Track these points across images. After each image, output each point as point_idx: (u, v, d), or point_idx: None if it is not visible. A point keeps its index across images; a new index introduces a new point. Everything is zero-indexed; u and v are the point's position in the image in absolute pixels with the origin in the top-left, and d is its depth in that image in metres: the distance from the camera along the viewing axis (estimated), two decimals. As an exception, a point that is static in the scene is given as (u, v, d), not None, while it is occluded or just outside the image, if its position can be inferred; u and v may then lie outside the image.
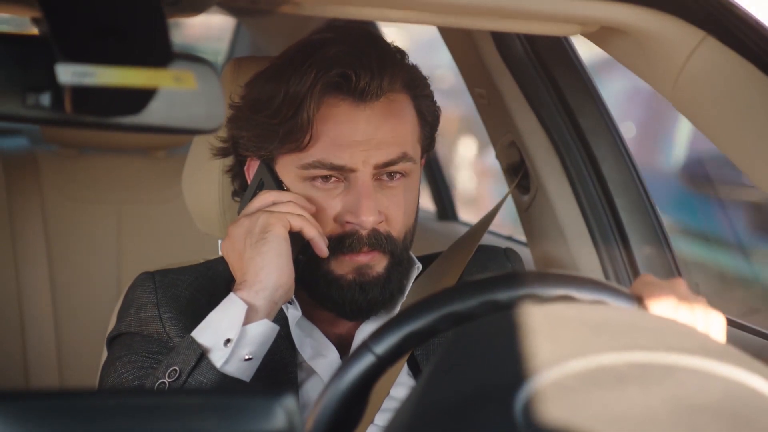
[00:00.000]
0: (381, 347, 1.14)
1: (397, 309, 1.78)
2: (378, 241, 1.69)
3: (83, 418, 0.81)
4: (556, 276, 1.21)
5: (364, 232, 1.68)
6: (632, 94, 6.40)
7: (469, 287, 1.18)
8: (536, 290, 1.18)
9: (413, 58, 1.78)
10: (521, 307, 1.17)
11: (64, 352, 3.18)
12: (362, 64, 1.66)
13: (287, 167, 1.71)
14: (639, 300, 1.30)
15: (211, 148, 1.82)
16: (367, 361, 1.14)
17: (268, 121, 1.69)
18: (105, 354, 1.82)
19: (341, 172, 1.68)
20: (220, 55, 4.73)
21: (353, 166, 1.67)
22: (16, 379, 3.14)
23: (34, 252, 3.19)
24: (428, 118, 1.77)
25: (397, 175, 1.71)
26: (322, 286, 1.72)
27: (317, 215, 1.69)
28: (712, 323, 1.37)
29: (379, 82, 1.67)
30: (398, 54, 1.74)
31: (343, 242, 1.69)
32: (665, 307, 1.32)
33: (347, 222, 1.69)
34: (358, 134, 1.67)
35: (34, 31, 1.01)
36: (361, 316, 1.74)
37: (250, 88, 1.74)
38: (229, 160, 1.82)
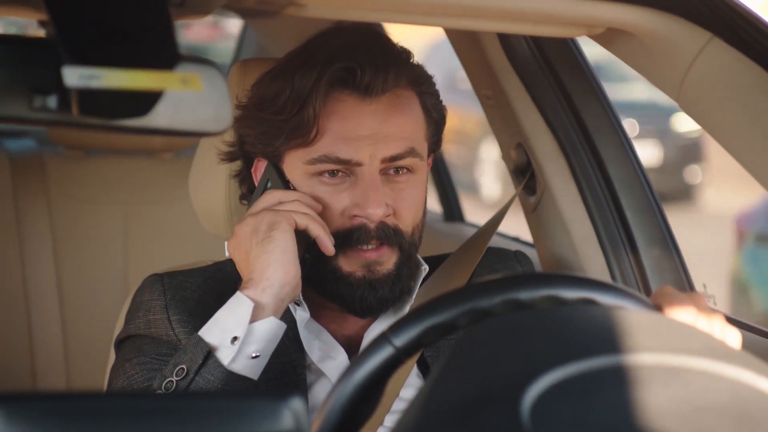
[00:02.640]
0: (401, 339, 1.14)
1: (406, 310, 1.78)
2: (386, 234, 1.69)
3: (90, 421, 0.81)
4: (579, 279, 1.21)
5: (372, 225, 1.68)
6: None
7: (493, 284, 1.18)
8: (559, 292, 1.18)
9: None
10: (533, 308, 1.17)
11: (71, 352, 3.18)
12: (367, 59, 1.67)
13: (294, 164, 1.71)
14: (659, 309, 1.30)
15: (219, 153, 1.82)
16: (385, 352, 1.13)
17: (274, 118, 1.69)
18: (112, 355, 1.82)
19: (348, 167, 1.68)
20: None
21: (360, 160, 1.67)
22: (24, 380, 3.15)
23: (41, 253, 3.20)
24: (434, 115, 1.77)
25: (404, 170, 1.71)
26: (330, 283, 1.72)
27: (325, 211, 1.69)
28: (729, 338, 1.37)
29: (385, 77, 1.67)
30: (403, 53, 1.74)
31: (351, 236, 1.69)
32: (684, 318, 1.33)
33: (355, 216, 1.69)
34: (364, 128, 1.67)
35: (41, 33, 1.02)
36: (370, 313, 1.74)
37: (256, 87, 1.75)
38: (237, 164, 1.83)
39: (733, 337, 1.38)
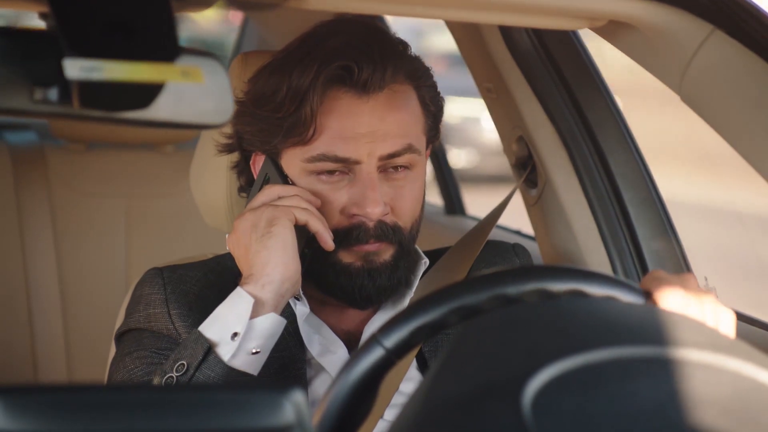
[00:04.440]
0: (390, 340, 1.14)
1: (406, 303, 1.78)
2: (385, 232, 1.69)
3: (91, 413, 0.81)
4: (565, 270, 1.21)
5: (370, 224, 1.68)
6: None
7: (479, 281, 1.18)
8: (546, 284, 1.18)
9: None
10: (529, 301, 1.17)
11: (72, 345, 3.19)
12: (364, 56, 1.66)
13: (292, 161, 1.71)
14: (648, 295, 1.30)
15: (216, 145, 1.82)
16: (376, 354, 1.14)
17: (271, 116, 1.69)
18: (113, 348, 1.82)
19: (346, 165, 1.68)
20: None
21: (358, 158, 1.67)
22: (25, 373, 3.15)
23: (42, 246, 3.20)
24: (432, 108, 1.76)
25: (402, 167, 1.71)
26: (331, 275, 1.72)
27: (323, 208, 1.69)
28: (722, 319, 1.37)
29: (382, 74, 1.66)
30: (400, 45, 1.74)
31: (350, 234, 1.69)
32: (674, 302, 1.32)
33: (353, 214, 1.69)
34: (362, 126, 1.67)
35: (42, 26, 1.01)
36: (369, 303, 1.74)
37: (253, 82, 1.74)
38: (236, 155, 1.82)
39: (727, 318, 1.37)
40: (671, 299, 1.32)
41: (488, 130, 10.59)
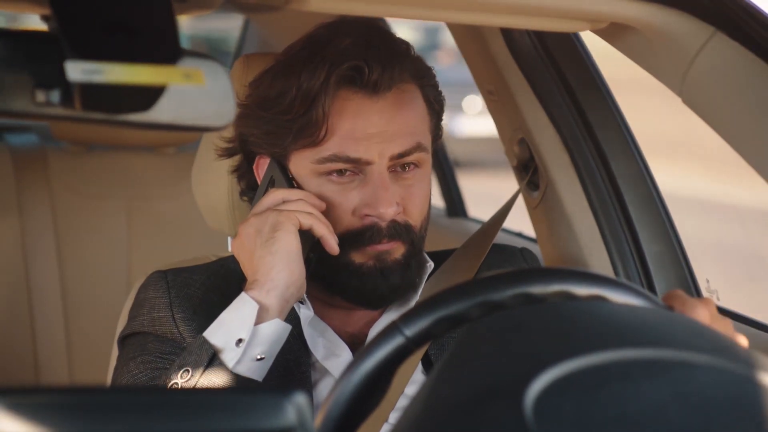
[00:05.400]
0: (411, 328, 1.14)
1: (411, 306, 1.77)
2: (397, 231, 1.69)
3: (92, 415, 0.81)
4: (593, 276, 1.20)
5: (383, 224, 1.68)
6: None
7: (505, 277, 1.18)
8: (572, 287, 1.17)
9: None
10: (543, 302, 1.17)
11: (73, 347, 3.19)
12: (373, 56, 1.66)
13: (302, 163, 1.70)
14: (669, 310, 1.30)
15: (216, 149, 1.81)
16: (396, 341, 1.13)
17: (279, 118, 1.68)
18: (115, 352, 1.82)
19: (357, 165, 1.68)
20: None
21: (369, 159, 1.67)
22: (26, 374, 3.15)
23: (44, 248, 3.20)
24: (436, 107, 1.77)
25: (411, 166, 1.71)
26: (343, 276, 1.71)
27: (333, 210, 1.68)
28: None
29: (390, 73, 1.67)
30: (404, 45, 1.74)
31: (363, 235, 1.68)
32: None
33: (366, 215, 1.68)
34: (373, 126, 1.67)
35: (44, 28, 1.01)
36: (382, 302, 1.74)
37: (257, 85, 1.74)
38: (237, 158, 1.82)
39: (741, 342, 1.38)
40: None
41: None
